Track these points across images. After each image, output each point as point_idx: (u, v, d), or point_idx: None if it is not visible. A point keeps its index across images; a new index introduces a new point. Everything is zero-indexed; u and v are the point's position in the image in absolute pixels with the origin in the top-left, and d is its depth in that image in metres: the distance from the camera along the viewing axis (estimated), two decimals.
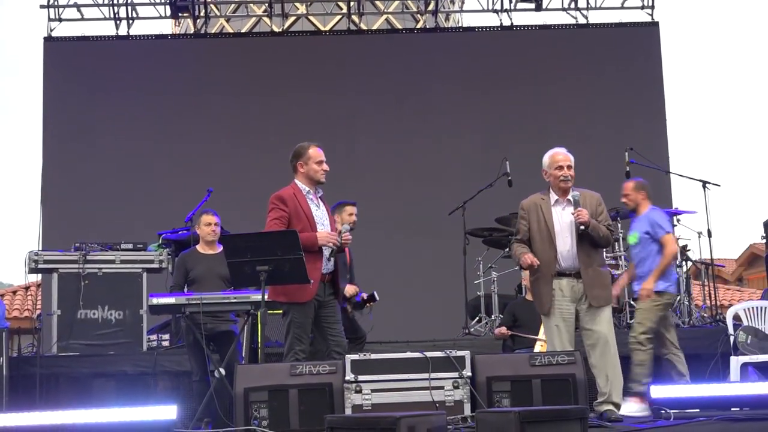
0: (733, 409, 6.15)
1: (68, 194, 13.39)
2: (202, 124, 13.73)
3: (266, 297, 6.46)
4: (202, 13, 14.62)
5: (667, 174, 12.15)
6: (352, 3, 14.68)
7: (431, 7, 14.98)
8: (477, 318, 10.14)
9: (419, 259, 12.30)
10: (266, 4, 14.57)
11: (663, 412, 6.03)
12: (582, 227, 6.36)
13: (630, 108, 13.82)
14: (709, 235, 9.71)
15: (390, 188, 13.01)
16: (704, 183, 9.76)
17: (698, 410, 6.10)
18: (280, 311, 7.50)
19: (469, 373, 6.03)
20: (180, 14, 14.71)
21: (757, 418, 5.82)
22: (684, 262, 9.79)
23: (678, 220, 10.21)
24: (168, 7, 14.27)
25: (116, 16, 14.12)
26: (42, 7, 13.99)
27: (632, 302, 9.49)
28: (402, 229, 12.55)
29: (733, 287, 25.72)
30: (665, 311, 7.44)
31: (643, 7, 14.30)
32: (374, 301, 8.17)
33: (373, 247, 11.01)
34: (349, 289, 7.79)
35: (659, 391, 6.14)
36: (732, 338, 8.08)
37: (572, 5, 14.32)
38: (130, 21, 14.23)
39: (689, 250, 9.92)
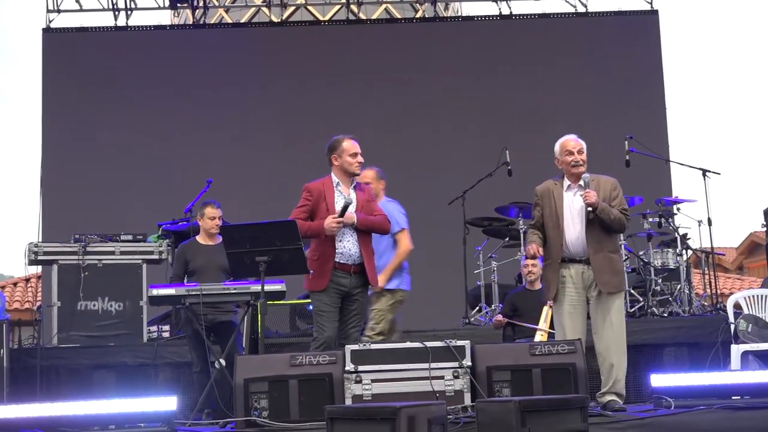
0: (734, 397, 6.13)
1: (68, 185, 13.40)
2: (201, 115, 13.72)
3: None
4: (200, 4, 14.59)
5: (667, 162, 12.14)
6: None
7: None
8: (477, 308, 10.14)
9: (419, 249, 12.22)
10: None
11: (664, 401, 6.02)
12: (589, 209, 6.33)
13: (629, 96, 13.80)
14: (710, 223, 9.69)
15: (389, 178, 12.85)
16: (704, 171, 9.74)
17: (699, 399, 6.08)
18: (280, 302, 7.55)
19: (469, 363, 6.02)
20: (179, 5, 14.68)
21: (758, 406, 5.82)
22: (684, 251, 9.78)
23: (678, 209, 10.20)
24: None
25: (115, 6, 14.11)
26: None
27: (632, 291, 9.51)
28: None
29: (734, 275, 25.71)
30: (397, 310, 7.36)
31: None
32: None
33: None
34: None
35: (660, 380, 6.14)
36: (732, 327, 8.06)
37: None
38: (129, 12, 14.22)
39: (689, 238, 9.91)
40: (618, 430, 5.59)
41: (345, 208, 6.44)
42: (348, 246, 6.52)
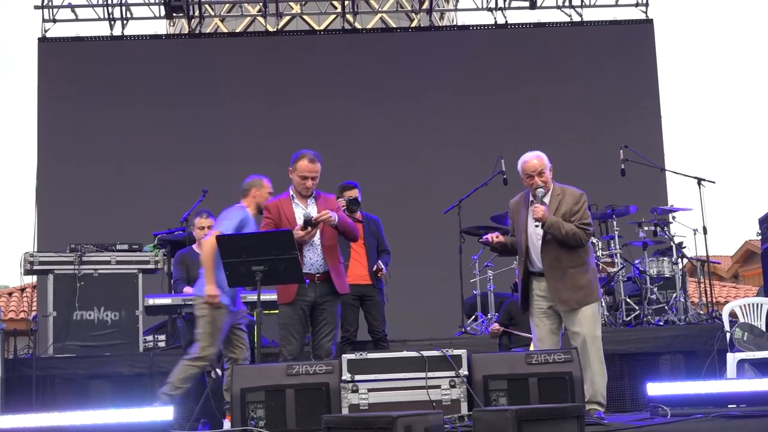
0: (730, 406, 6.15)
1: (63, 195, 13.39)
2: (196, 124, 13.72)
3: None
4: (196, 13, 14.60)
5: (662, 171, 12.17)
6: (346, 2, 14.66)
7: (426, 5, 14.97)
8: (473, 317, 10.14)
9: (415, 258, 12.27)
10: (260, 4, 14.55)
11: (660, 409, 6.02)
12: (536, 224, 6.26)
13: (625, 105, 13.84)
14: (705, 231, 9.72)
15: (385, 187, 12.99)
16: (699, 180, 9.76)
17: (695, 407, 6.09)
18: (277, 311, 7.53)
19: (466, 372, 6.02)
20: (174, 14, 14.68)
21: (754, 414, 5.83)
22: (680, 259, 9.79)
23: (674, 217, 10.22)
24: (162, 7, 14.25)
25: (110, 16, 14.12)
26: (36, 7, 14.00)
27: (627, 299, 9.52)
28: (397, 228, 12.52)
29: (729, 284, 25.72)
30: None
31: (637, 5, 14.33)
32: (381, 270, 8.19)
33: None
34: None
35: (656, 389, 6.14)
36: (728, 335, 8.08)
37: (566, 3, 14.34)
38: (125, 21, 14.23)
39: (685, 247, 9.93)
40: None
41: (307, 221, 6.48)
42: (309, 255, 6.58)
